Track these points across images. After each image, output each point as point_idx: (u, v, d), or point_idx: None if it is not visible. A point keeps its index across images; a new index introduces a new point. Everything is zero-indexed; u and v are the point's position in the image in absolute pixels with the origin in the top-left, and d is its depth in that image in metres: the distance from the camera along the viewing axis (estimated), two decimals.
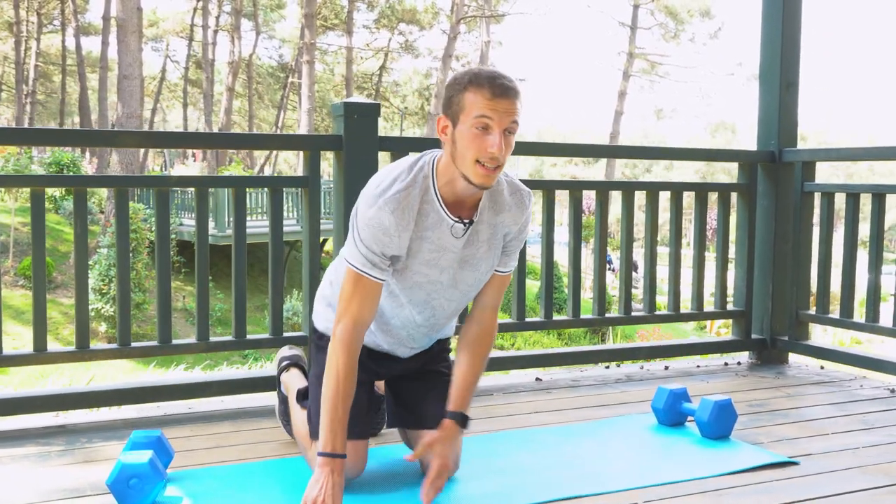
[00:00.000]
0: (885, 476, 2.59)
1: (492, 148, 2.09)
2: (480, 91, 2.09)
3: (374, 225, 2.16)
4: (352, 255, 2.22)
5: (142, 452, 2.28)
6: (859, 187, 3.94)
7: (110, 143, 3.03)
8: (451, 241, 2.25)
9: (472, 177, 2.13)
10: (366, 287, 2.21)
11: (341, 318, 2.21)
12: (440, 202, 2.22)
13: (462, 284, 2.34)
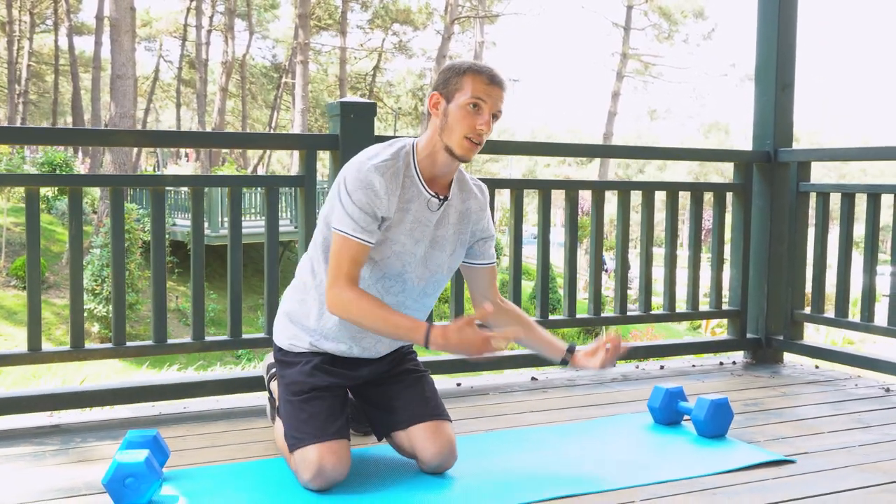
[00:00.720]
0: (881, 474, 2.59)
1: (480, 125, 2.33)
2: (479, 76, 2.34)
3: (366, 186, 2.30)
4: (341, 221, 2.31)
5: (138, 451, 2.27)
6: (854, 187, 3.95)
7: (106, 143, 3.01)
8: (427, 214, 2.42)
9: (456, 148, 2.35)
10: (355, 250, 2.31)
11: (335, 281, 2.31)
12: (419, 176, 2.40)
13: (431, 264, 2.47)
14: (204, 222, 7.33)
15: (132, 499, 2.22)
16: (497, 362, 3.76)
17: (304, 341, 2.49)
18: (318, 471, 2.30)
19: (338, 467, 2.33)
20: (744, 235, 4.20)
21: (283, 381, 2.50)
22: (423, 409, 2.50)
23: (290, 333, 2.52)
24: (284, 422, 2.45)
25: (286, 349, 2.54)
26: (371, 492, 2.37)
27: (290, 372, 2.48)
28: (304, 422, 2.37)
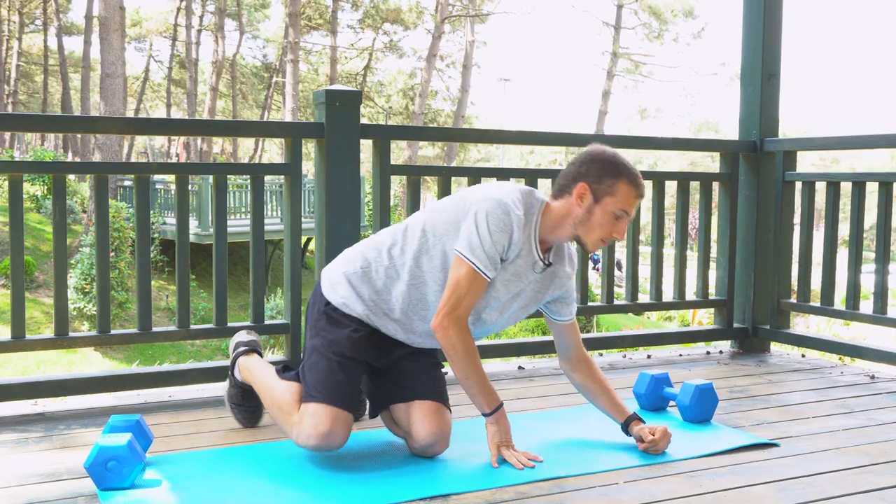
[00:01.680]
0: (863, 456, 2.60)
1: (618, 234, 2.48)
2: (633, 189, 2.45)
3: (507, 231, 2.39)
4: (475, 254, 2.38)
5: (120, 435, 2.27)
6: (839, 176, 3.96)
7: (91, 129, 3.00)
8: (529, 272, 2.52)
9: (589, 246, 2.50)
10: (479, 285, 2.41)
11: (456, 310, 2.39)
12: (535, 239, 2.48)
13: (506, 311, 2.57)
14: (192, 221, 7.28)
15: (114, 482, 2.21)
16: (482, 351, 3.75)
17: (358, 308, 2.50)
18: (327, 432, 2.35)
19: (341, 438, 2.39)
20: (730, 225, 4.21)
21: (324, 335, 2.49)
22: (430, 389, 2.55)
23: (346, 293, 2.52)
24: (310, 372, 2.45)
25: (337, 306, 2.53)
26: (361, 472, 2.37)
27: (336, 331, 2.48)
28: (334, 384, 2.41)
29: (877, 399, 3.35)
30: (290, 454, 2.54)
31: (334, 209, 3.28)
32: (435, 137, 4.00)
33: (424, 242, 2.47)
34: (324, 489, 2.26)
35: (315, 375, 2.44)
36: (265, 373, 2.64)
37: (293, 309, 3.33)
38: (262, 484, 2.29)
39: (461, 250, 2.39)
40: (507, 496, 2.23)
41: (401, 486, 2.27)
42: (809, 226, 4.07)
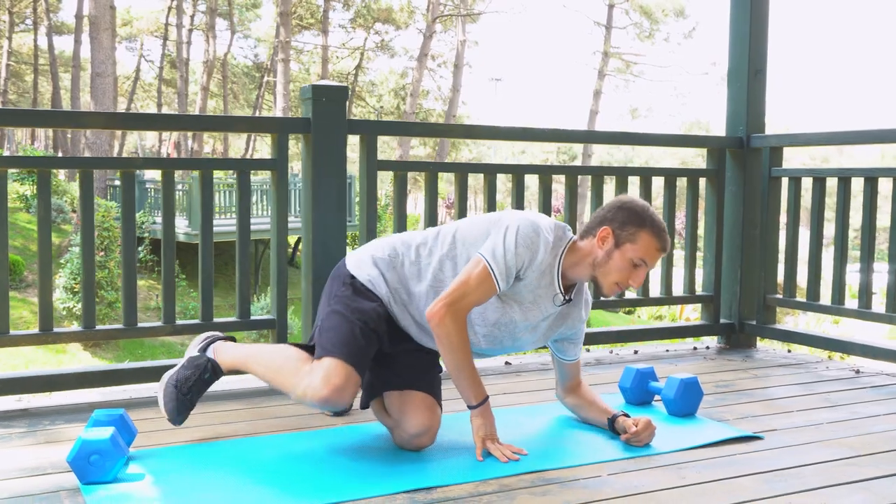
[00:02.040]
0: (847, 449, 2.61)
1: (634, 282, 2.51)
2: (656, 240, 2.50)
3: (532, 248, 2.46)
4: (494, 257, 2.44)
5: (103, 429, 2.27)
6: (825, 171, 3.98)
7: (77, 124, 2.99)
8: (548, 304, 2.57)
9: (604, 289, 2.53)
10: (488, 288, 2.45)
11: (457, 303, 2.43)
12: (559, 272, 2.53)
13: (518, 341, 2.63)
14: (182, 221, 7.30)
15: (97, 476, 2.21)
16: None
17: (382, 290, 2.56)
18: (340, 386, 2.33)
19: (349, 398, 2.38)
20: (717, 221, 4.22)
21: (348, 303, 2.50)
22: (427, 384, 2.57)
23: (372, 273, 2.57)
24: (329, 332, 2.44)
25: (363, 282, 2.56)
26: (344, 466, 2.38)
27: (362, 301, 2.51)
28: (356, 346, 2.41)
29: (861, 393, 3.36)
30: (272, 449, 2.54)
31: (321, 204, 3.28)
32: (422, 133, 4.01)
33: (452, 249, 2.55)
34: (307, 483, 2.26)
35: (336, 335, 2.43)
36: (231, 361, 2.63)
37: (279, 305, 3.33)
38: (245, 478, 2.29)
39: (482, 252, 2.47)
40: (490, 489, 2.23)
41: (384, 480, 2.28)
42: (795, 221, 4.08)
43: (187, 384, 2.56)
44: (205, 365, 2.60)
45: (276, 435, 2.68)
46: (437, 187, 3.64)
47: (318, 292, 3.31)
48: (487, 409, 2.51)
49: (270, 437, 2.65)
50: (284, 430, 2.74)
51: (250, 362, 2.59)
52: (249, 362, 2.59)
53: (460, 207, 3.68)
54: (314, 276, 3.31)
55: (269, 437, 2.64)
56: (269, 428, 2.73)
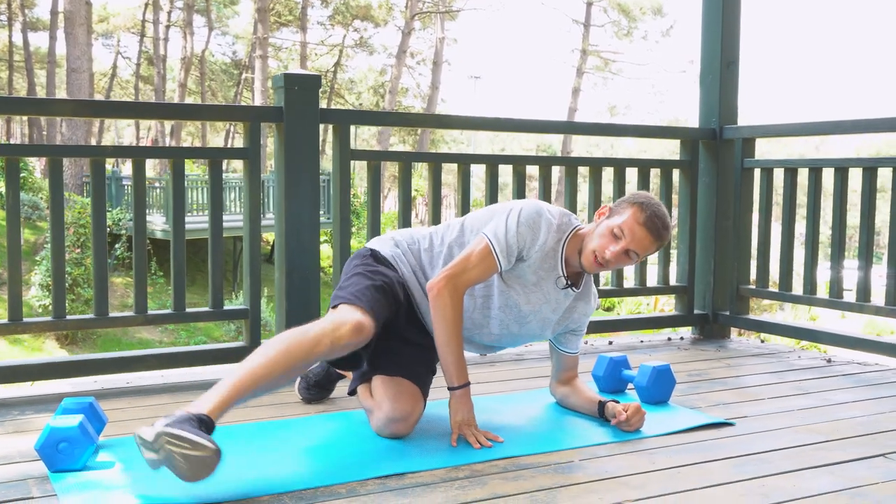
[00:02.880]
0: (817, 434, 2.64)
1: (609, 251, 2.48)
2: (642, 214, 2.49)
3: (534, 227, 2.51)
4: (495, 235, 2.50)
5: (72, 417, 2.25)
6: (797, 162, 4.01)
7: (44, 111, 2.96)
8: (551, 288, 2.60)
9: (583, 259, 2.54)
10: (489, 265, 2.50)
11: (457, 277, 2.48)
12: (562, 255, 2.57)
13: (526, 327, 2.65)
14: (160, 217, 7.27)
15: (66, 464, 2.19)
16: None
17: (403, 268, 2.62)
18: (363, 327, 2.31)
19: (367, 339, 2.36)
20: (690, 212, 4.24)
21: (369, 269, 2.56)
22: (418, 376, 2.58)
23: (396, 252, 2.66)
24: (347, 288, 2.47)
25: (386, 256, 2.64)
26: (316, 452, 2.37)
27: (384, 268, 2.59)
28: (375, 299, 2.43)
29: (832, 381, 3.39)
30: (244, 437, 2.53)
31: (294, 194, 3.27)
32: (395, 122, 4.01)
33: (461, 236, 2.63)
34: (278, 470, 2.25)
35: (355, 288, 2.45)
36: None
37: (252, 293, 3.31)
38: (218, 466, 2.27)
39: (485, 231, 2.53)
40: (462, 474, 2.23)
41: (356, 466, 2.27)
42: (768, 212, 4.11)
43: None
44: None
45: (248, 424, 2.66)
46: (411, 178, 3.63)
47: (292, 283, 3.30)
48: (467, 395, 2.52)
49: (242, 425, 2.63)
50: (256, 418, 2.73)
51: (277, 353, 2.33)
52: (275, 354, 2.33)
53: (434, 200, 3.67)
54: (287, 267, 3.30)
55: (241, 426, 2.63)
56: (241, 417, 2.72)
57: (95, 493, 2.06)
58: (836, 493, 2.13)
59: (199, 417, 2.01)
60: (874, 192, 3.67)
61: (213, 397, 2.09)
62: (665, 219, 2.53)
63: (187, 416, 1.99)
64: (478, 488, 2.13)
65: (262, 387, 2.16)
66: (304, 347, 2.22)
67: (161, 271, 16.79)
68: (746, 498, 2.08)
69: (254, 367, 2.15)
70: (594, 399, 2.76)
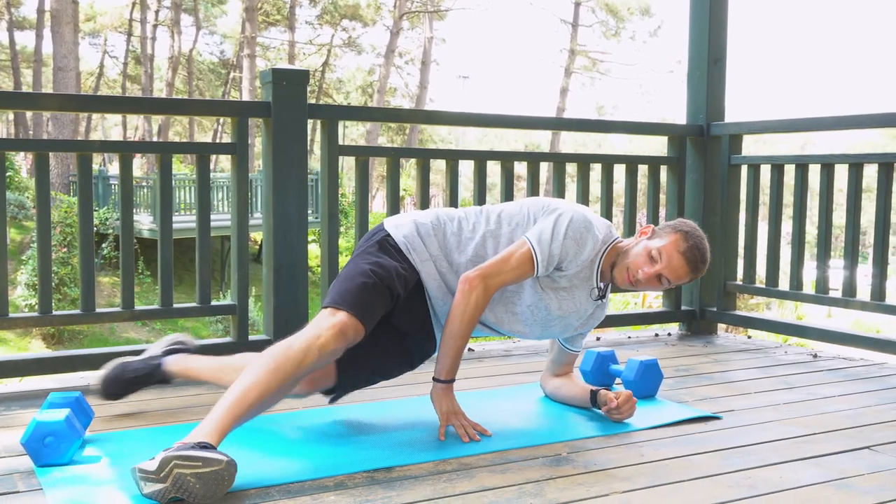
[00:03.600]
0: (802, 427, 2.65)
1: (642, 273, 2.49)
2: (683, 242, 2.50)
3: (579, 243, 2.49)
4: (539, 241, 2.47)
5: (58, 411, 2.23)
6: (783, 158, 4.03)
7: (31, 106, 2.95)
8: (583, 297, 2.61)
9: (616, 273, 2.54)
10: (526, 270, 2.48)
11: (492, 278, 2.45)
12: (599, 268, 2.56)
13: (548, 329, 2.64)
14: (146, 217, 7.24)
15: (52, 458, 2.18)
16: None
17: (421, 257, 2.53)
18: (345, 331, 2.25)
19: (355, 340, 2.31)
20: (678, 208, 4.25)
21: (372, 258, 2.47)
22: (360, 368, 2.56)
23: (410, 236, 2.55)
24: (345, 280, 2.40)
25: (397, 242, 2.53)
26: (303, 447, 2.37)
27: (387, 259, 2.47)
28: (368, 302, 2.34)
29: (818, 376, 3.41)
30: (233, 431, 2.52)
31: (281, 189, 3.26)
32: (383, 118, 4.01)
33: (498, 227, 2.57)
34: (265, 464, 2.25)
35: (350, 287, 2.36)
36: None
37: (240, 289, 3.31)
38: None
39: (529, 236, 2.49)
40: (450, 467, 2.23)
41: (344, 459, 2.27)
42: (755, 208, 4.13)
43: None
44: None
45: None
46: (399, 174, 3.63)
47: (280, 279, 3.29)
48: (451, 390, 2.52)
49: None
50: None
51: (220, 374, 2.56)
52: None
53: (423, 198, 3.67)
54: (276, 263, 3.29)
55: None
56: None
57: (82, 487, 2.05)
58: (823, 485, 2.14)
59: (202, 445, 1.98)
60: (860, 188, 3.69)
61: (211, 425, 2.06)
62: (705, 253, 2.54)
63: (189, 445, 1.96)
64: (466, 481, 2.13)
65: (257, 408, 2.15)
66: (294, 361, 2.19)
67: (148, 271, 16.73)
68: (734, 490, 2.09)
69: (246, 389, 2.13)
70: (586, 388, 2.77)
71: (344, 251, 14.57)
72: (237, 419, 2.10)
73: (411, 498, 2.01)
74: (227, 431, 2.07)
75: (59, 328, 14.65)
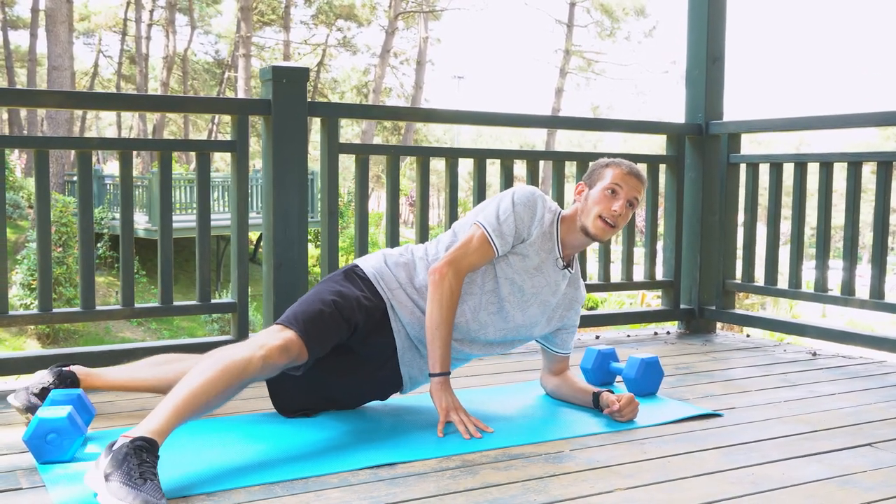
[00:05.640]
0: (804, 424, 2.65)
1: (615, 208, 2.57)
2: (618, 167, 2.63)
3: (531, 207, 2.57)
4: (488, 220, 2.56)
5: (60, 408, 2.23)
6: (782, 157, 4.03)
7: (30, 103, 2.94)
8: (552, 269, 2.65)
9: (590, 227, 2.59)
10: (486, 251, 2.55)
11: (458, 262, 2.52)
12: (558, 238, 2.64)
13: (526, 315, 2.65)
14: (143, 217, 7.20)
15: (54, 455, 2.18)
16: None
17: (390, 286, 2.58)
18: (289, 348, 2.30)
19: (297, 362, 2.35)
20: (676, 207, 4.26)
21: (335, 286, 2.52)
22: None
23: (380, 268, 2.61)
24: (303, 303, 2.46)
25: (366, 273, 2.60)
26: (307, 443, 2.36)
27: (350, 287, 2.53)
28: (320, 329, 2.38)
29: (818, 373, 3.41)
30: (234, 428, 2.52)
31: (282, 186, 3.26)
32: (383, 116, 4.00)
33: (454, 237, 2.64)
34: (268, 460, 2.24)
35: (300, 308, 2.43)
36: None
37: (240, 287, 3.30)
38: (206, 457, 2.26)
39: (479, 219, 2.57)
40: (453, 464, 2.23)
41: (347, 455, 2.27)
42: (753, 207, 4.14)
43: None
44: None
45: (238, 416, 2.65)
46: (398, 173, 3.63)
47: (280, 277, 3.29)
48: (448, 383, 2.54)
49: (232, 417, 2.62)
50: (247, 410, 2.72)
51: (132, 373, 2.64)
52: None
53: (422, 196, 3.67)
54: (276, 261, 3.29)
55: (231, 418, 2.62)
56: (232, 408, 2.71)
57: (84, 485, 2.04)
58: (825, 481, 2.14)
59: (137, 446, 1.93)
60: (859, 187, 3.69)
61: (156, 420, 2.04)
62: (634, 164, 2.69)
63: (123, 454, 1.91)
64: (469, 478, 2.13)
65: (201, 408, 2.14)
66: (238, 367, 2.20)
67: (144, 270, 16.69)
68: (736, 486, 2.09)
69: (193, 388, 2.12)
70: (587, 389, 2.77)
71: (341, 251, 14.57)
72: (182, 419, 2.09)
73: (415, 494, 2.01)
74: (171, 428, 2.06)
75: (55, 328, 14.61)
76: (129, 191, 3.15)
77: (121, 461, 1.90)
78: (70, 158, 22.05)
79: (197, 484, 2.04)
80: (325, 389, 2.62)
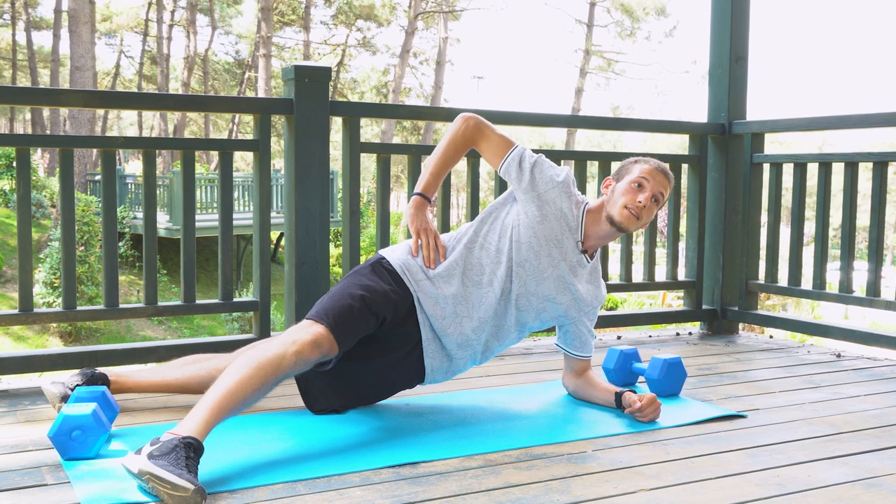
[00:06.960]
0: (828, 426, 2.63)
1: (640, 199, 2.64)
2: (647, 164, 2.72)
3: (552, 164, 2.69)
4: (520, 149, 2.70)
5: (85, 405, 2.24)
6: (806, 157, 4.00)
7: (54, 102, 2.96)
8: (571, 248, 2.67)
9: (616, 216, 2.65)
10: (506, 142, 2.70)
11: (482, 122, 2.70)
12: (582, 225, 2.69)
13: (541, 283, 2.64)
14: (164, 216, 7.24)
15: (79, 452, 2.19)
16: None
17: (416, 277, 2.59)
18: (320, 343, 2.33)
19: (328, 356, 2.39)
20: (699, 207, 4.23)
21: (363, 279, 2.55)
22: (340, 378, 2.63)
23: (407, 263, 2.61)
24: (332, 296, 2.48)
25: (391, 266, 2.61)
26: (332, 441, 2.37)
27: (377, 281, 2.55)
28: (349, 324, 2.41)
29: (842, 375, 3.38)
30: (256, 426, 2.53)
31: (304, 186, 3.26)
32: (405, 115, 4.00)
33: (479, 229, 2.68)
34: (291, 458, 2.25)
35: (335, 304, 2.44)
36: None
37: (262, 286, 3.31)
38: (229, 454, 2.27)
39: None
40: (475, 464, 2.23)
41: (370, 454, 2.27)
42: (777, 207, 4.10)
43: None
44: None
45: (260, 414, 2.66)
46: (419, 172, 3.62)
47: (301, 276, 3.29)
48: (425, 206, 2.67)
49: (254, 415, 2.63)
50: (268, 409, 2.72)
51: (159, 372, 2.70)
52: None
53: (443, 196, 3.66)
54: (297, 260, 3.29)
55: (253, 416, 2.62)
56: (255, 408, 2.71)
57: (109, 481, 2.06)
58: (852, 484, 2.12)
59: (187, 442, 2.00)
60: (885, 187, 3.66)
61: (198, 419, 2.09)
62: (662, 163, 2.76)
63: (173, 445, 1.97)
64: (491, 477, 2.13)
65: (238, 405, 2.18)
66: (272, 364, 2.24)
67: (164, 269, 16.78)
68: (762, 488, 2.07)
69: (229, 387, 2.16)
70: (609, 389, 2.76)
71: (361, 251, 14.60)
72: (221, 416, 2.13)
73: (438, 494, 2.01)
74: (211, 427, 2.10)
75: (77, 326, 14.72)
76: (153, 189, 3.16)
77: (171, 449, 1.96)
78: (91, 158, 22.18)
79: (221, 481, 2.05)
80: (353, 378, 2.62)
